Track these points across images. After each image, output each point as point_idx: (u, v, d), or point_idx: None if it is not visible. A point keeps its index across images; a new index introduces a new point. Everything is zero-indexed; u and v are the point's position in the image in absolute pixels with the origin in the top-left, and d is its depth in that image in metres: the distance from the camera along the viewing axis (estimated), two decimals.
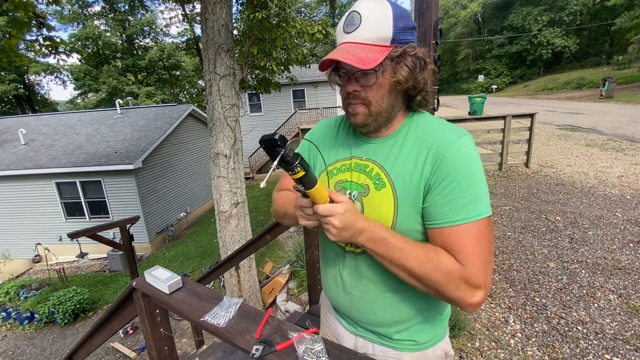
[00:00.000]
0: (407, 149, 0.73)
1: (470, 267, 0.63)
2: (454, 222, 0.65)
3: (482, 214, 0.65)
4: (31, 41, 3.62)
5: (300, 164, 0.58)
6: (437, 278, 0.64)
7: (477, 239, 0.65)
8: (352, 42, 0.68)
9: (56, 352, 5.79)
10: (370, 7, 0.67)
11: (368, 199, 0.75)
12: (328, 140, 0.89)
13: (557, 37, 28.41)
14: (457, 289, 0.63)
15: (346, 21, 0.70)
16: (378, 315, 0.81)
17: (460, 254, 0.64)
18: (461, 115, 12.40)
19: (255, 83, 6.20)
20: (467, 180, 0.66)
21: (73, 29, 26.75)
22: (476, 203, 0.65)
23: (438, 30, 1.50)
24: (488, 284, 0.65)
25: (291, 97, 16.52)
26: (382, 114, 0.73)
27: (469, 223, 0.64)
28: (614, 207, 4.26)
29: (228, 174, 3.88)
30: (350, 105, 0.74)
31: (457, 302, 0.65)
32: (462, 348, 2.26)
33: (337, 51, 0.68)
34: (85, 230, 3.78)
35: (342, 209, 0.64)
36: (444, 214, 0.66)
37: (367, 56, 0.65)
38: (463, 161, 0.67)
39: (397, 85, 0.70)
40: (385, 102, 0.72)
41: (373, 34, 0.67)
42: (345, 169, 0.81)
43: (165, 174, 10.77)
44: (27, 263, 10.23)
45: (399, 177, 0.72)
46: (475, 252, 0.64)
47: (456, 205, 0.65)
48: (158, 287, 1.09)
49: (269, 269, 5.09)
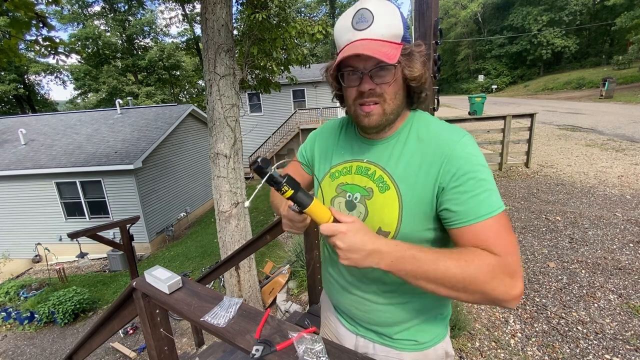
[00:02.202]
0: (409, 151, 0.73)
1: (507, 257, 0.61)
2: (482, 216, 0.63)
3: (501, 206, 0.65)
4: (31, 41, 3.61)
5: (287, 182, 0.59)
6: (483, 278, 0.60)
7: (505, 228, 0.64)
8: (367, 38, 0.66)
9: (56, 352, 5.79)
10: (380, 5, 0.66)
11: (372, 202, 0.75)
12: (331, 142, 0.88)
13: (557, 37, 28.40)
14: (502, 283, 0.60)
15: (355, 18, 0.67)
16: (379, 315, 0.81)
17: (496, 246, 0.62)
18: (461, 115, 12.40)
19: (255, 83, 6.20)
20: (481, 176, 0.65)
21: (73, 29, 26.76)
22: (494, 196, 0.65)
23: (438, 30, 1.50)
24: (522, 271, 0.64)
25: (291, 97, 16.53)
26: (395, 112, 0.73)
27: (495, 215, 0.64)
28: (614, 207, 4.26)
29: (228, 174, 3.88)
30: (364, 105, 0.71)
31: (502, 298, 0.61)
32: (462, 348, 2.26)
33: (357, 47, 0.65)
34: (85, 230, 3.78)
35: (345, 228, 0.62)
36: (469, 211, 0.64)
37: (387, 52, 0.64)
38: (472, 158, 0.66)
39: (411, 82, 0.70)
40: (398, 99, 0.72)
41: (387, 30, 0.66)
42: (347, 172, 0.81)
43: (165, 174, 10.77)
44: (27, 263, 10.22)
45: (403, 180, 0.71)
46: (509, 241, 0.63)
47: (479, 200, 0.64)
48: (158, 287, 1.09)
49: (269, 269, 5.09)
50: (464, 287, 0.61)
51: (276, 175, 0.60)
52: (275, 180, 0.60)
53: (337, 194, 0.82)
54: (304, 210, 0.64)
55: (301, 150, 0.96)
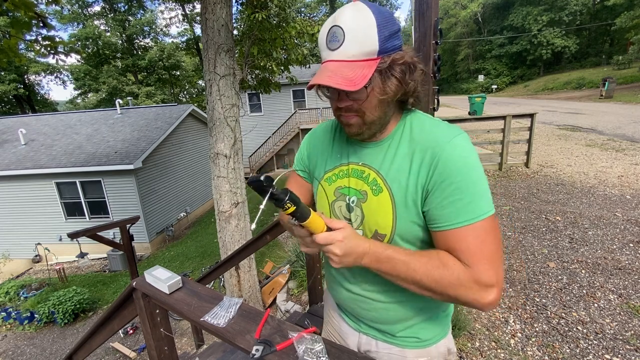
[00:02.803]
0: (402, 152, 0.72)
1: (477, 267, 0.62)
2: (456, 224, 0.64)
3: (485, 213, 0.64)
4: (31, 41, 3.61)
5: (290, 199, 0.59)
6: (447, 284, 0.63)
7: (481, 238, 0.63)
8: (337, 60, 0.64)
9: (56, 352, 5.79)
10: (353, 19, 0.62)
11: (367, 205, 0.75)
12: (325, 146, 0.88)
13: (557, 37, 28.40)
14: (470, 291, 0.62)
15: (328, 36, 0.65)
16: (381, 313, 0.81)
17: (465, 255, 0.63)
18: (461, 115, 12.39)
19: (255, 83, 6.20)
20: (466, 181, 0.64)
21: (73, 29, 26.76)
22: (477, 203, 0.64)
23: (438, 30, 1.50)
24: (500, 281, 0.64)
25: (291, 97, 16.53)
26: (376, 122, 0.72)
27: (473, 224, 0.63)
28: (614, 207, 4.26)
29: (228, 174, 3.88)
30: (342, 116, 0.72)
31: (473, 304, 0.64)
32: (462, 348, 2.26)
33: (323, 73, 0.64)
34: (85, 230, 3.78)
35: (341, 235, 0.64)
36: (446, 217, 0.65)
37: (355, 75, 0.62)
38: (460, 160, 0.65)
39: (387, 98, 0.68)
40: (378, 111, 0.70)
41: (359, 49, 0.63)
42: (343, 175, 0.81)
43: (165, 174, 10.77)
44: (27, 263, 10.22)
45: (395, 182, 0.71)
46: (480, 252, 0.63)
47: (457, 207, 0.64)
48: (158, 287, 1.09)
49: (269, 269, 5.10)
50: (431, 289, 0.65)
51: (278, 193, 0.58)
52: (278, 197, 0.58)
53: (337, 198, 0.81)
54: (303, 223, 0.63)
55: (298, 157, 0.96)
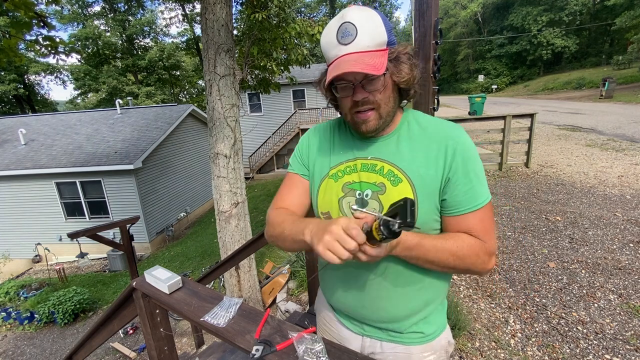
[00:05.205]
0: (416, 145, 0.77)
1: (489, 241, 0.74)
2: (475, 206, 0.73)
3: (489, 195, 0.76)
4: (31, 41, 3.60)
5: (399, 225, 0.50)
6: (469, 260, 0.72)
7: (488, 216, 0.75)
8: (354, 52, 0.69)
9: (56, 352, 5.79)
10: (361, 16, 0.68)
11: (386, 197, 0.76)
12: (326, 144, 0.88)
13: (557, 37, 28.39)
14: (481, 260, 0.73)
15: (339, 33, 0.69)
16: (390, 310, 0.82)
17: (482, 233, 0.74)
18: (461, 115, 12.40)
19: (255, 83, 6.19)
20: (479, 169, 0.75)
21: (73, 29, 26.74)
22: (486, 187, 0.75)
23: (438, 30, 1.50)
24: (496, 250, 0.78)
25: (291, 97, 16.53)
26: (390, 114, 0.76)
27: (485, 205, 0.74)
28: (614, 207, 4.26)
29: (228, 174, 3.88)
30: (360, 113, 0.74)
31: (479, 271, 0.75)
32: (462, 348, 2.26)
33: (346, 63, 0.67)
34: (85, 230, 3.77)
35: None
36: (467, 201, 0.73)
37: (375, 62, 0.67)
38: (472, 152, 0.75)
39: (400, 84, 0.73)
40: (392, 102, 0.75)
41: (372, 41, 0.68)
42: (351, 171, 0.81)
43: (165, 174, 10.77)
44: (27, 263, 10.22)
45: (414, 172, 0.75)
46: (491, 228, 0.75)
47: (475, 192, 0.73)
48: (158, 287, 1.09)
49: (269, 269, 5.09)
50: (454, 267, 0.73)
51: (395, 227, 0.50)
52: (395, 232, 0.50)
53: (345, 194, 0.81)
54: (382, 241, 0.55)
55: (295, 158, 0.93)
